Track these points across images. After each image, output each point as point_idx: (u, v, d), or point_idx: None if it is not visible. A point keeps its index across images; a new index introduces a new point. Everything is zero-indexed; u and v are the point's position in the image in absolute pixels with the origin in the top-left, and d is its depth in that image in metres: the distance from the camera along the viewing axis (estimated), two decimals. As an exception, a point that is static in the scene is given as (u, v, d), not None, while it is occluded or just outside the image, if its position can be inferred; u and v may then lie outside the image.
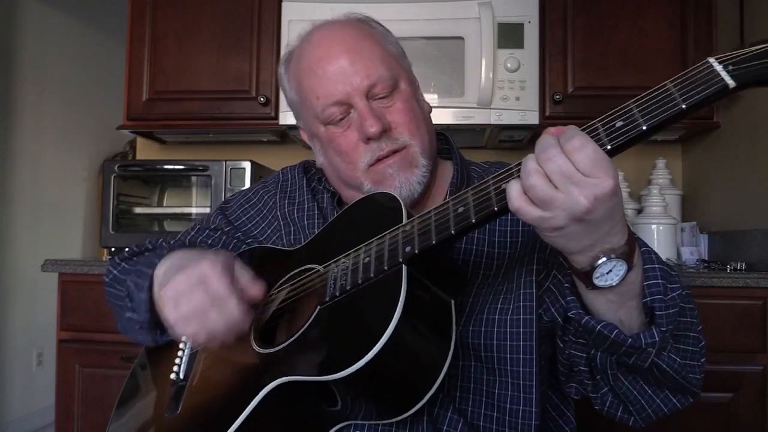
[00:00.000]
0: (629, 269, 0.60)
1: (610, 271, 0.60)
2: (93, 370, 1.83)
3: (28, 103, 3.22)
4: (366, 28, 0.87)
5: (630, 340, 0.64)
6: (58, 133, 3.45)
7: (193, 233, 0.99)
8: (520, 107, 1.92)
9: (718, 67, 0.56)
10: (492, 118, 1.92)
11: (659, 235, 1.98)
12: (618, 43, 1.99)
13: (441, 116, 1.89)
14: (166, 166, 2.13)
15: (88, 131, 3.67)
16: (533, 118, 1.92)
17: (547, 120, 1.99)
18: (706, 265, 1.91)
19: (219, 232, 0.98)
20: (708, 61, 0.56)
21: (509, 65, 1.91)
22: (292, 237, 0.91)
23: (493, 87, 1.90)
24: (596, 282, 0.61)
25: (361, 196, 0.82)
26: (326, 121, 0.83)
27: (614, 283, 0.61)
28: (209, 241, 0.97)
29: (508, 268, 0.79)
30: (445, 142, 0.96)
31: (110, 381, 1.80)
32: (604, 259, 0.59)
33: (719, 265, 1.84)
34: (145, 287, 0.80)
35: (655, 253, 0.68)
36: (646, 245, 0.68)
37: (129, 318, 0.85)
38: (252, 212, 0.98)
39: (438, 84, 1.93)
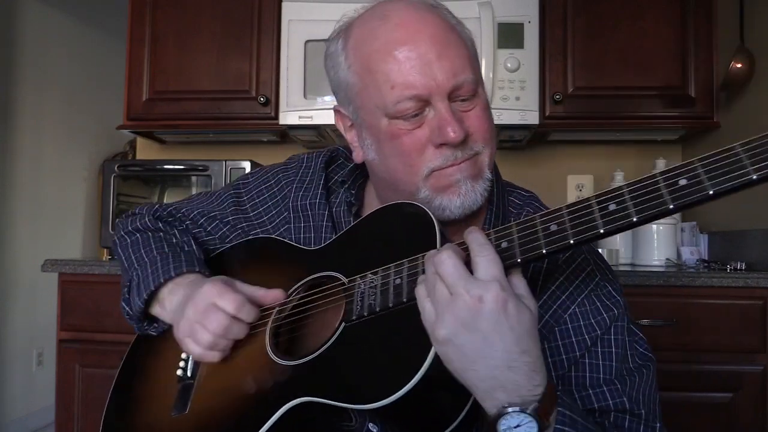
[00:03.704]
0: (542, 429, 0.55)
1: (518, 426, 0.55)
2: (93, 370, 1.83)
3: (28, 103, 3.22)
4: (451, 19, 0.77)
5: None
6: (58, 133, 3.45)
7: (202, 221, 0.97)
8: (520, 107, 1.92)
9: None
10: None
11: (659, 235, 1.98)
12: (618, 43, 1.99)
13: (441, 116, 1.89)
14: (166, 166, 2.13)
15: (88, 131, 3.67)
16: (533, 118, 1.92)
17: (547, 120, 1.99)
18: (706, 265, 1.91)
19: (216, 224, 0.96)
20: None
21: (509, 65, 1.91)
22: (301, 234, 0.88)
23: (493, 87, 1.90)
24: None
25: (390, 203, 0.76)
26: (396, 115, 0.72)
27: None
28: (208, 236, 0.97)
29: None
30: None
31: (110, 381, 1.77)
32: (509, 410, 0.54)
33: (719, 265, 1.84)
34: (143, 296, 0.84)
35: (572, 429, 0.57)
36: (571, 421, 0.58)
37: (122, 305, 0.89)
38: (266, 195, 0.94)
39: (438, 84, 1.93)
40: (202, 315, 0.74)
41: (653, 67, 1.97)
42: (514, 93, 1.92)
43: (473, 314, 0.54)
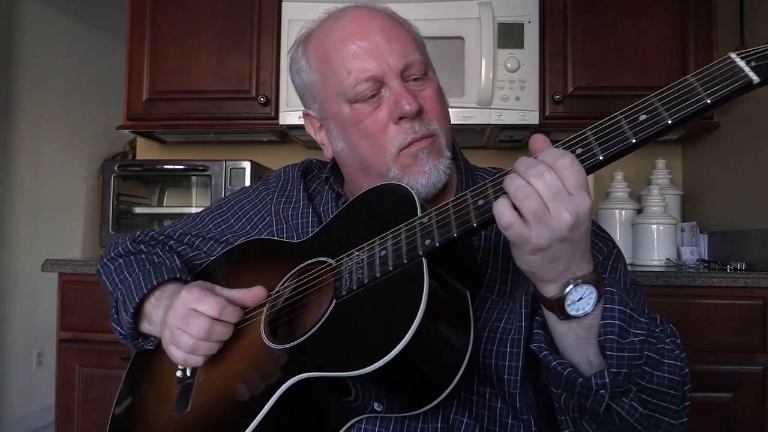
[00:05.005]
0: (600, 296, 0.61)
1: (581, 298, 0.60)
2: (93, 370, 1.83)
3: (28, 103, 3.22)
4: (398, 18, 0.86)
5: (581, 379, 0.63)
6: (58, 133, 3.45)
7: (187, 239, 0.99)
8: (520, 107, 1.92)
9: (741, 63, 0.54)
10: (492, 118, 1.92)
11: (659, 235, 1.98)
12: (618, 43, 1.99)
13: (441, 116, 1.89)
14: (166, 166, 2.13)
15: (88, 131, 3.67)
16: (533, 118, 1.92)
17: (547, 120, 1.99)
18: (706, 265, 1.91)
19: (201, 239, 0.99)
20: (729, 56, 0.55)
21: (509, 65, 1.91)
22: (284, 235, 0.90)
23: (493, 87, 1.90)
24: (569, 311, 0.60)
25: (369, 187, 0.79)
26: (355, 98, 0.79)
27: (588, 310, 0.60)
28: (194, 251, 0.99)
29: (514, 286, 0.78)
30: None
31: (110, 381, 1.80)
32: (572, 285, 0.60)
33: (719, 265, 1.84)
34: (130, 310, 0.86)
35: (620, 295, 0.63)
36: (611, 285, 0.64)
37: (113, 326, 0.91)
38: (248, 207, 0.98)
39: (438, 84, 1.94)
40: (182, 321, 0.75)
41: (653, 67, 1.98)
42: (514, 93, 1.92)
43: (571, 230, 0.56)
